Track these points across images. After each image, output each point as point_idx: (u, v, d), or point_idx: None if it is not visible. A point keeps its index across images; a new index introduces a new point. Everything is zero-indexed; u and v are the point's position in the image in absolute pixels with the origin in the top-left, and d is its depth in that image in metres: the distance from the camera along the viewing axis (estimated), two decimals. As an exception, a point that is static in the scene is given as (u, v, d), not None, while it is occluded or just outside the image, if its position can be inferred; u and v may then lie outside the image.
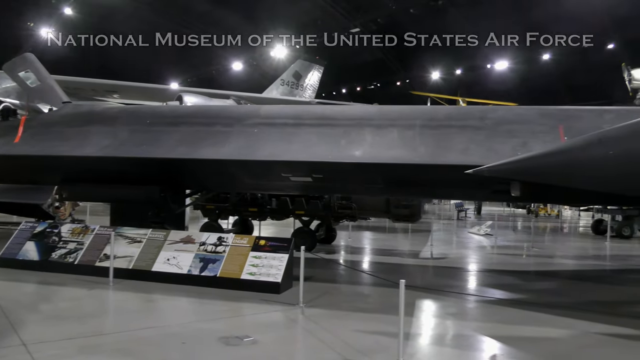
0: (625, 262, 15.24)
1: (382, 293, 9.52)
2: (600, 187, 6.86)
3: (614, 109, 9.80)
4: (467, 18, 44.38)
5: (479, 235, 21.83)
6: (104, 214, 17.18)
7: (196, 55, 55.73)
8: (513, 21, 42.51)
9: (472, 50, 48.80)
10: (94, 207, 22.49)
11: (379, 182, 10.59)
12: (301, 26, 47.95)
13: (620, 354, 6.36)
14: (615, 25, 40.75)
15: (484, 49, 48.48)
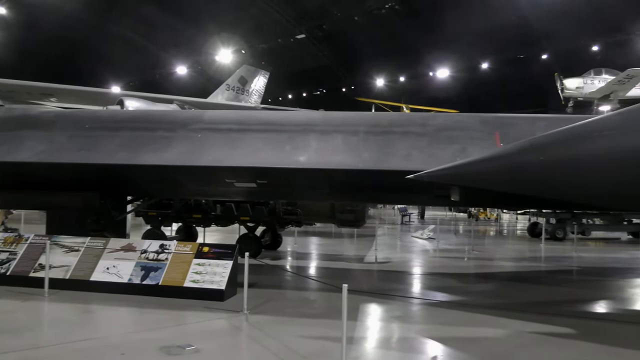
0: (558, 263, 15.93)
1: (328, 298, 9.56)
2: (533, 191, 7.14)
3: (546, 117, 10.26)
4: (409, 27, 45.45)
5: (422, 239, 22.31)
6: (40, 222, 16.47)
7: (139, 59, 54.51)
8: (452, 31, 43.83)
9: (415, 58, 50.09)
10: (29, 215, 21.52)
11: (324, 187, 10.66)
12: (247, 31, 47.80)
13: (553, 351, 6.63)
14: (548, 37, 42.70)
15: (426, 57, 49.82)
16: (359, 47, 50.52)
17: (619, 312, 9.59)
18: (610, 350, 6.64)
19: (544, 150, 6.61)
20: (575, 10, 37.43)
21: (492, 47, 45.67)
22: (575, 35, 41.14)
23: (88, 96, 29.88)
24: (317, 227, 24.32)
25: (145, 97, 29.26)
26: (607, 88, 35.58)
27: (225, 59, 50.90)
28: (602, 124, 6.82)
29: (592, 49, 42.86)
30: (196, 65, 57.05)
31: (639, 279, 13.18)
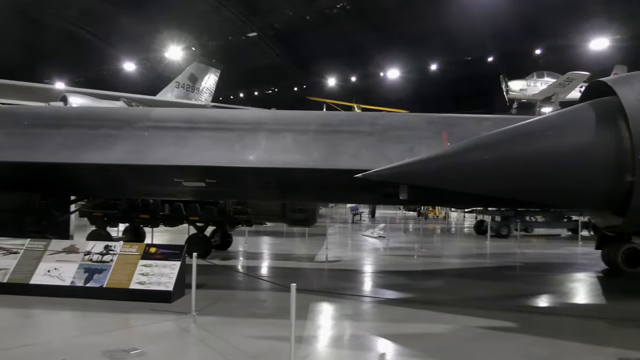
0: (502, 259, 16.43)
1: (278, 298, 9.53)
2: (478, 189, 7.35)
3: (491, 117, 10.58)
4: (360, 27, 45.90)
5: (373, 237, 22.56)
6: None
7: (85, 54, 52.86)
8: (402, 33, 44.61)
9: (366, 58, 50.63)
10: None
11: (274, 186, 10.63)
12: (197, 28, 47.08)
13: (495, 344, 6.83)
14: (494, 40, 44.01)
15: (377, 58, 50.44)
16: (311, 46, 50.69)
17: (557, 305, 9.97)
18: (548, 342, 6.90)
19: (489, 149, 6.80)
20: (520, 15, 38.76)
21: (440, 49, 46.68)
22: (519, 39, 42.60)
23: (29, 92, 28.75)
24: (268, 227, 24.19)
25: (90, 94, 28.40)
26: (549, 90, 37.00)
27: (175, 56, 49.99)
28: (542, 124, 7.09)
29: (535, 53, 44.45)
30: (145, 62, 55.79)
31: (577, 273, 13.75)
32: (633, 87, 6.73)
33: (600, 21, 38.26)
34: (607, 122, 6.71)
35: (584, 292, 11.44)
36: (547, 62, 42.07)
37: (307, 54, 52.72)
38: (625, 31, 39.10)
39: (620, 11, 37.61)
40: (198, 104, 38.18)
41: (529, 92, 38.36)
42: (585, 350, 6.61)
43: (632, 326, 7.82)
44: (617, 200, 6.80)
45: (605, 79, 7.43)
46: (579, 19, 39.00)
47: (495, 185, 7.04)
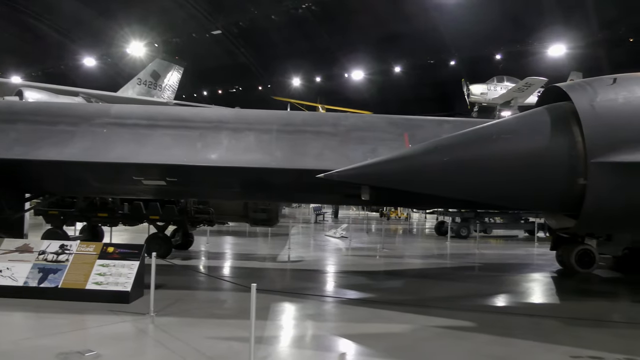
0: (462, 259, 16.74)
1: (238, 298, 9.46)
2: (437, 191, 7.47)
3: (451, 120, 10.76)
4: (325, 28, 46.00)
5: (335, 237, 22.65)
6: None
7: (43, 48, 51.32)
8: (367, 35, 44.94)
9: (331, 59, 50.78)
10: None
11: (236, 186, 10.54)
12: (160, 24, 46.28)
13: (452, 343, 6.95)
14: (456, 44, 44.81)
15: (342, 59, 50.66)
16: (276, 45, 50.51)
17: (513, 305, 10.21)
18: (503, 341, 7.06)
19: (448, 151, 6.92)
20: (481, 20, 39.55)
21: (404, 51, 47.23)
22: (481, 44, 43.48)
23: (-19, 85, 27.71)
24: (230, 227, 24.03)
25: (47, 89, 27.58)
26: (508, 95, 37.92)
27: (137, 52, 48.97)
28: (499, 127, 7.25)
29: (495, 58, 45.44)
30: (105, 58, 54.47)
31: (532, 273, 14.11)
32: (586, 93, 6.96)
33: (557, 29, 39.43)
34: (561, 127, 6.92)
35: (538, 292, 11.76)
36: (507, 67, 43.07)
37: (272, 54, 52.50)
38: (581, 39, 40.41)
39: (576, 20, 38.83)
40: (160, 101, 37.53)
41: (489, 96, 39.22)
42: (539, 349, 6.79)
43: (584, 325, 8.07)
44: (570, 203, 7.02)
45: (561, 84, 7.66)
46: (538, 26, 40.10)
47: (454, 187, 7.17)
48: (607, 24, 38.81)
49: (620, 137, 6.51)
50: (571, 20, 38.81)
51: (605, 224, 7.83)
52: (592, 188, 6.59)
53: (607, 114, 6.67)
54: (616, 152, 6.44)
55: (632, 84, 6.95)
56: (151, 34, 47.35)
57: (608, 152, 6.47)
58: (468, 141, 7.00)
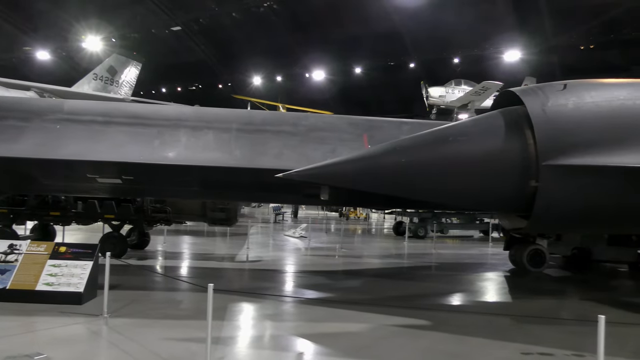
0: (419, 259, 17.00)
1: (195, 298, 9.34)
2: (394, 191, 7.56)
3: (410, 122, 10.91)
4: (287, 27, 45.93)
5: (294, 237, 22.64)
6: None
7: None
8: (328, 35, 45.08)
9: (292, 58, 50.70)
10: None
11: (194, 184, 10.40)
12: (118, 18, 45.20)
13: (408, 342, 7.06)
14: (416, 47, 45.47)
15: (303, 59, 50.66)
16: (237, 43, 50.05)
17: (468, 303, 10.45)
18: (458, 339, 7.22)
19: (405, 152, 7.03)
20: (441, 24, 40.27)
21: (365, 52, 47.58)
22: (440, 47, 44.29)
23: None
24: (188, 226, 23.71)
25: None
26: (466, 98, 38.77)
27: (94, 46, 47.65)
28: (455, 130, 7.41)
29: (454, 61, 46.35)
30: (60, 51, 52.79)
31: (487, 273, 14.45)
32: (539, 98, 7.18)
33: (513, 35, 40.57)
34: (515, 130, 7.12)
35: (492, 290, 12.06)
36: (465, 71, 44.02)
37: (233, 52, 52.01)
38: (535, 45, 41.69)
39: (531, 27, 40.03)
40: (117, 97, 36.67)
41: (447, 99, 40.00)
42: (491, 346, 6.97)
43: (534, 322, 8.32)
44: (522, 204, 7.23)
45: (514, 89, 7.88)
46: (494, 32, 41.11)
47: (411, 188, 7.28)
48: (559, 32, 40.18)
49: (570, 140, 6.75)
50: (526, 27, 40.00)
51: (554, 224, 8.10)
52: (543, 190, 6.81)
53: (557, 119, 6.90)
54: (565, 156, 6.68)
55: (581, 90, 7.22)
56: (108, 28, 46.17)
57: (558, 155, 6.70)
58: (425, 143, 7.13)
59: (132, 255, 14.58)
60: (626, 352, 6.69)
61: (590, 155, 6.65)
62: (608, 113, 6.92)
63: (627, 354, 6.66)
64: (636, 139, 6.75)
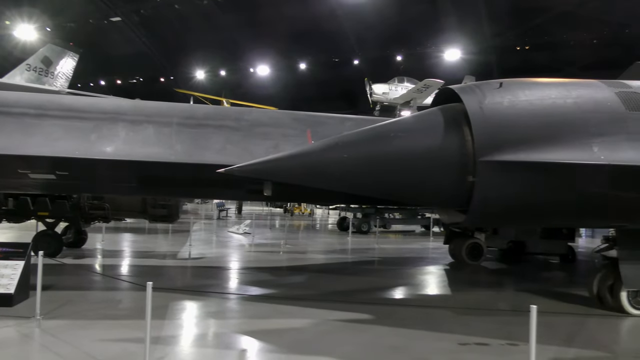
0: (362, 254, 17.23)
1: (135, 298, 9.09)
2: (337, 187, 7.60)
3: (353, 118, 10.98)
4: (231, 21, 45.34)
5: (238, 234, 22.44)
6: None
7: None
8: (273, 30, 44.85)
9: (237, 53, 50.13)
10: None
11: (134, 180, 10.09)
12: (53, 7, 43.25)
13: (351, 336, 7.13)
14: (360, 44, 45.93)
15: (248, 53, 50.17)
16: (179, 36, 49.00)
17: (409, 297, 10.68)
18: (399, 332, 7.36)
19: (348, 148, 7.08)
20: (385, 22, 40.85)
21: (310, 48, 47.68)
22: (383, 45, 44.91)
23: None
24: (128, 223, 23.08)
25: None
26: (408, 95, 39.52)
27: (27, 35, 45.41)
28: (396, 126, 7.53)
29: (397, 59, 47.13)
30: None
31: (427, 266, 14.82)
32: (476, 96, 7.38)
33: (454, 34, 41.71)
34: (453, 127, 7.29)
35: (432, 283, 12.37)
36: (408, 69, 44.86)
37: (176, 44, 50.88)
38: (475, 45, 43.01)
39: (471, 27, 41.24)
40: (52, 89, 35.10)
41: (390, 96, 40.64)
42: (431, 338, 7.15)
43: (472, 314, 8.60)
44: (461, 199, 7.42)
45: (453, 86, 8.06)
46: (436, 31, 42.14)
47: (353, 183, 7.34)
48: (497, 33, 41.62)
49: (505, 137, 6.98)
50: (466, 28, 41.19)
51: (491, 218, 8.37)
52: (480, 185, 7.01)
53: (493, 116, 7.12)
54: (501, 152, 6.90)
55: (516, 89, 7.48)
56: (42, 16, 44.14)
57: (494, 151, 6.91)
58: (367, 138, 7.20)
59: (68, 254, 14.05)
60: (557, 340, 7.00)
61: (523, 151, 6.90)
62: (540, 111, 7.20)
63: (558, 341, 6.97)
64: (566, 136, 7.06)
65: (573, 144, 7.00)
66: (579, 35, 39.62)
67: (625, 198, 7.37)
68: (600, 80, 8.09)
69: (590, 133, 7.10)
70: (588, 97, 7.51)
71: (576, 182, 7.15)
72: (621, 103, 7.43)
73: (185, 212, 30.05)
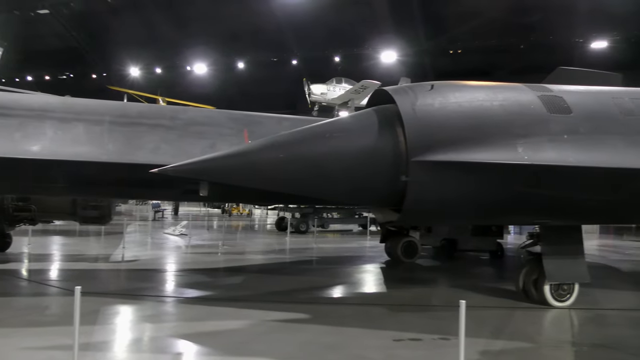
0: (300, 254, 17.28)
1: (64, 303, 8.71)
2: (273, 187, 7.60)
3: (291, 117, 11.04)
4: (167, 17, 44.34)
5: (174, 235, 21.99)
6: None
7: None
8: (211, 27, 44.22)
9: (173, 50, 49.04)
10: None
11: (62, 180, 9.71)
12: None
13: (289, 336, 7.14)
14: (299, 44, 46.04)
15: (184, 51, 49.20)
16: (113, 31, 47.38)
17: (346, 295, 10.83)
18: (336, 330, 7.43)
19: (284, 148, 7.09)
20: (323, 22, 41.15)
21: (248, 47, 47.33)
22: (322, 45, 45.21)
23: None
24: (58, 225, 22.13)
25: None
26: (346, 96, 39.98)
27: (-57, 27, 42.62)
28: (332, 126, 7.63)
29: (335, 59, 47.57)
30: None
31: (364, 265, 15.04)
32: (409, 97, 7.58)
33: (390, 37, 42.59)
34: (387, 127, 7.45)
35: (369, 282, 12.60)
36: (346, 70, 45.36)
37: (109, 40, 49.15)
38: (410, 48, 44.10)
39: (406, 30, 42.22)
40: (-28, 85, 33.13)
41: (328, 96, 40.97)
42: (367, 335, 7.26)
43: (406, 310, 8.83)
44: (395, 198, 7.60)
45: (387, 88, 8.23)
46: (373, 33, 42.87)
47: (289, 183, 7.36)
48: (431, 37, 42.84)
49: (436, 138, 7.21)
50: (402, 31, 42.13)
51: (423, 217, 8.62)
52: (412, 184, 7.21)
53: (425, 117, 7.34)
54: (432, 152, 7.12)
55: (447, 91, 7.74)
56: (-39, 8, 41.62)
57: (425, 151, 7.12)
58: (303, 138, 7.24)
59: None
60: (485, 333, 7.30)
61: (453, 151, 7.15)
62: (469, 113, 7.49)
63: (486, 334, 7.27)
64: (493, 137, 7.38)
65: (499, 145, 7.33)
66: (508, 41, 41.42)
67: (547, 196, 7.78)
68: (525, 84, 8.50)
69: (515, 134, 7.46)
70: (513, 100, 7.88)
71: (502, 181, 7.49)
72: (543, 106, 7.84)
73: (119, 213, 29.16)
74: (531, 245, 9.62)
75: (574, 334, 7.76)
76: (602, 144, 7.79)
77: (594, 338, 7.47)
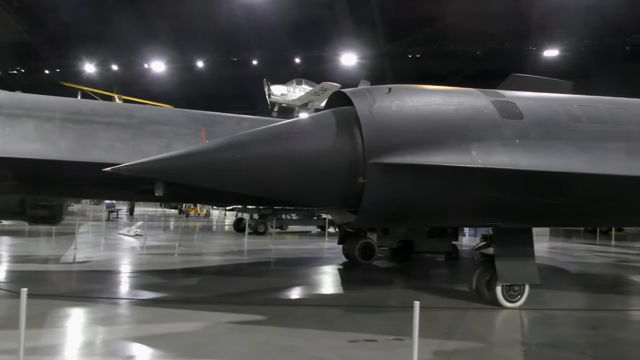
0: (258, 255, 17.18)
1: (9, 306, 8.36)
2: (230, 187, 7.53)
3: (250, 118, 10.98)
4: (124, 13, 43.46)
5: (129, 236, 21.51)
6: None
7: None
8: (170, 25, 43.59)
9: (130, 47, 48.05)
10: None
11: (9, 179, 9.36)
12: None
13: (245, 337, 7.10)
14: (259, 45, 45.88)
15: (142, 48, 48.27)
16: (67, 26, 46.10)
17: (303, 296, 10.82)
18: (291, 331, 7.42)
19: (240, 148, 7.04)
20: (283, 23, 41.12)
21: (208, 46, 46.85)
22: (282, 46, 45.18)
23: None
24: (5, 225, 21.34)
25: None
26: (306, 97, 40.04)
27: None
28: (289, 127, 7.63)
29: (295, 61, 47.61)
30: None
31: (322, 266, 15.08)
32: (366, 100, 7.66)
33: (350, 40, 42.96)
34: (345, 129, 7.50)
35: (327, 283, 12.64)
36: (306, 71, 45.44)
37: (62, 35, 47.78)
38: (369, 50, 44.58)
39: (366, 33, 42.66)
40: None
41: (288, 97, 40.95)
42: (323, 336, 7.28)
43: (362, 311, 8.90)
44: (351, 200, 7.65)
45: (345, 90, 8.30)
46: (333, 35, 43.13)
47: (246, 184, 7.32)
48: (390, 41, 43.43)
49: (392, 140, 7.30)
50: (362, 34, 42.56)
51: (379, 218, 8.69)
52: (369, 186, 7.28)
53: (382, 120, 7.42)
54: (388, 154, 7.21)
55: (404, 94, 7.85)
56: None
57: (382, 154, 7.21)
58: (260, 139, 7.21)
59: None
60: (438, 333, 7.43)
61: (409, 154, 7.26)
62: (425, 116, 7.62)
63: (440, 334, 7.40)
64: (448, 141, 7.53)
65: (454, 148, 7.48)
66: (465, 47, 42.41)
67: (500, 198, 7.99)
68: (480, 89, 8.70)
69: (469, 138, 7.63)
70: (468, 105, 8.06)
71: (456, 184, 7.64)
72: (496, 111, 8.05)
73: (71, 213, 28.35)
74: (484, 247, 9.85)
75: (524, 334, 7.98)
76: (551, 148, 8.05)
77: (543, 338, 7.70)
